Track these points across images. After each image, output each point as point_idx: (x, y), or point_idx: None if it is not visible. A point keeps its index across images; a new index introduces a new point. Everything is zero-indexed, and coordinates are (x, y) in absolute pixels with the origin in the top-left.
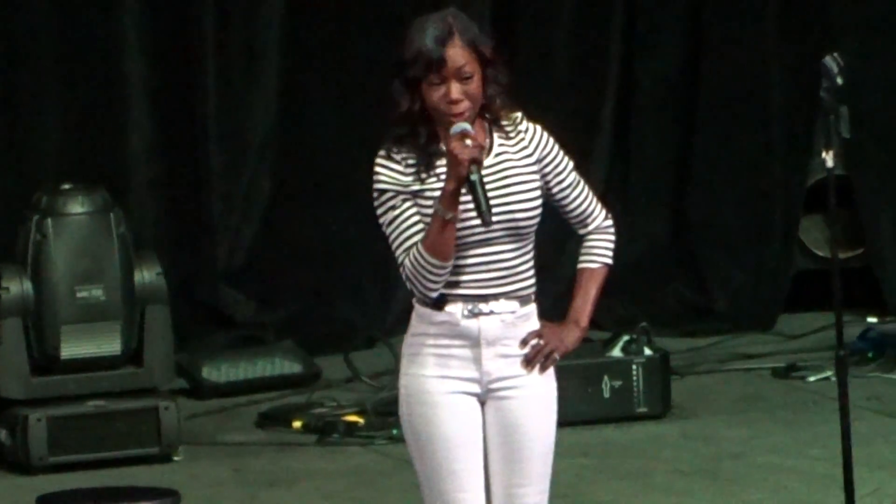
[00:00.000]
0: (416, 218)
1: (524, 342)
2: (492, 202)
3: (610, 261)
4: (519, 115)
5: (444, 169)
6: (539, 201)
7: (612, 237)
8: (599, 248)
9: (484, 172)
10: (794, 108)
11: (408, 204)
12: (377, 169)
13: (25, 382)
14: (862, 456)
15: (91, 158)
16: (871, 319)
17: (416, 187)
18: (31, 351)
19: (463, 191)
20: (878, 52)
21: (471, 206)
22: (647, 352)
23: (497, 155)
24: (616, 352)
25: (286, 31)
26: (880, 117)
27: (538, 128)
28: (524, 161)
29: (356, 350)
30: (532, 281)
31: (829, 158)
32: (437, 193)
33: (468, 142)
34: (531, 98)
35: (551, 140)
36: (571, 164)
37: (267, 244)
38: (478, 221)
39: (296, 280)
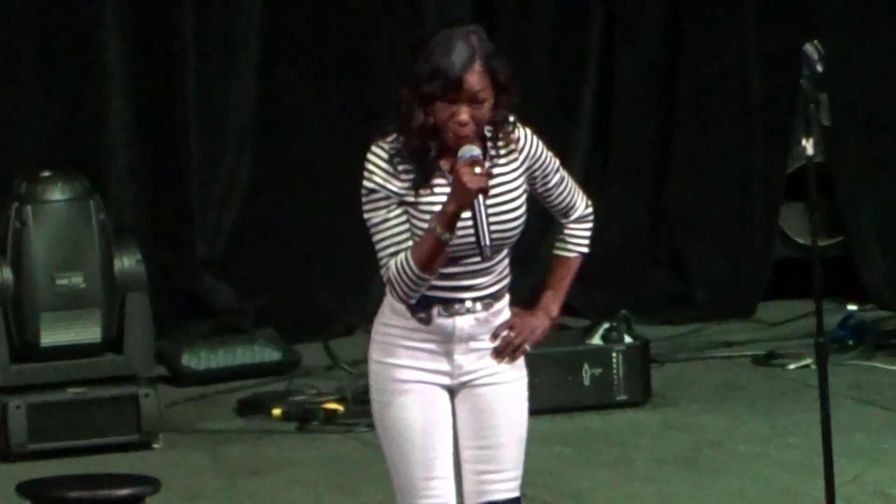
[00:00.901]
0: (406, 226)
1: (495, 335)
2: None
3: (586, 250)
4: (511, 120)
5: (439, 182)
6: (526, 214)
7: (591, 225)
8: (577, 237)
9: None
10: (774, 95)
11: (399, 210)
12: (371, 168)
13: (5, 370)
14: (842, 444)
15: (71, 146)
16: (851, 307)
17: (411, 199)
18: (11, 338)
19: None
20: (859, 39)
21: (467, 222)
22: (627, 339)
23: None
24: (596, 339)
25: (265, 20)
26: (861, 105)
27: (528, 133)
28: (513, 175)
29: (336, 337)
30: (508, 279)
31: (809, 146)
32: (432, 208)
33: (477, 169)
34: None
35: (540, 145)
36: (557, 163)
37: (246, 232)
38: (471, 239)
39: (275, 268)
